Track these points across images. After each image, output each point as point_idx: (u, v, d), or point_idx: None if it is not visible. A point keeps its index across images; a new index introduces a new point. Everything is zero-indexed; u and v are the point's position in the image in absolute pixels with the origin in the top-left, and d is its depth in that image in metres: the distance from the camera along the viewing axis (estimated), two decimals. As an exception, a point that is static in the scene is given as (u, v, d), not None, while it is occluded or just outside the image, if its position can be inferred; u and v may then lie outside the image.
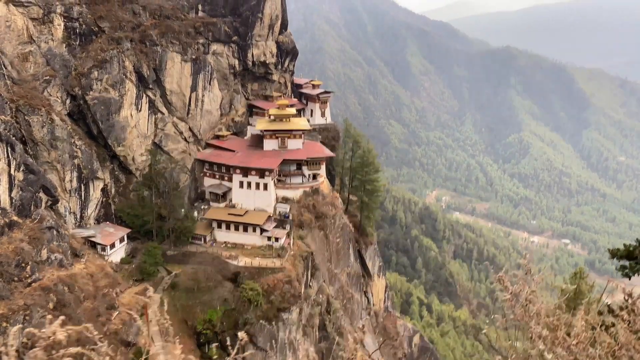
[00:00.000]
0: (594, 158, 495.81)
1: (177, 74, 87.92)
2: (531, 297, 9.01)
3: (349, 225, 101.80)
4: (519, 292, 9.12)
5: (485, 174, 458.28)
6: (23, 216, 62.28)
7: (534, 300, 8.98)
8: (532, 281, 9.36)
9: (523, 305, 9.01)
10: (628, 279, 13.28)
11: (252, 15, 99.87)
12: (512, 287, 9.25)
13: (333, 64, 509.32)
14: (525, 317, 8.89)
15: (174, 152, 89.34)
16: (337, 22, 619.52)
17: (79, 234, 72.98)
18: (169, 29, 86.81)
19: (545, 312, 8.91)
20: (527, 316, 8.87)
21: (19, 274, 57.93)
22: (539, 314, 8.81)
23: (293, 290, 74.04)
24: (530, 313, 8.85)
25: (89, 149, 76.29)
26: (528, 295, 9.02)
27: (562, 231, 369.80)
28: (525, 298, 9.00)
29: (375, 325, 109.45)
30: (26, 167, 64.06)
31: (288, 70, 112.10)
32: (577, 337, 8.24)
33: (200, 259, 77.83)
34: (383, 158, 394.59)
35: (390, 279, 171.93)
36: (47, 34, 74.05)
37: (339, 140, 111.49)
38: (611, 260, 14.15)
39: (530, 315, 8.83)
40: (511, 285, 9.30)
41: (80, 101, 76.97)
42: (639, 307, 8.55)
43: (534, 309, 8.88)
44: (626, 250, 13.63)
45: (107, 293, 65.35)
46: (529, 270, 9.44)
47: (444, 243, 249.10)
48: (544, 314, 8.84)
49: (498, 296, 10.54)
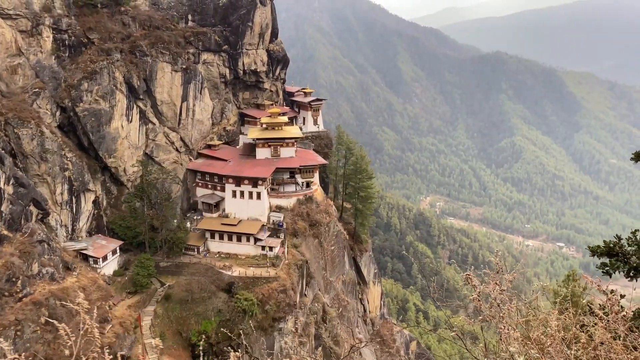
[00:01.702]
0: (586, 161, 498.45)
1: (168, 84, 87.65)
2: (501, 296, 8.76)
3: (344, 232, 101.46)
4: (490, 292, 8.88)
5: (478, 179, 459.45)
6: (13, 230, 61.60)
7: (504, 300, 8.73)
8: (504, 280, 9.13)
9: (492, 305, 8.78)
10: (609, 277, 13.07)
11: (242, 24, 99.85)
12: (480, 287, 9.00)
13: (325, 72, 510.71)
14: (495, 318, 8.66)
15: (166, 163, 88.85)
16: (328, 31, 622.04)
17: (70, 247, 72.25)
18: (158, 39, 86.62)
19: (517, 312, 8.67)
20: (497, 316, 8.63)
21: (10, 288, 57.20)
22: (510, 314, 8.58)
23: (288, 299, 73.50)
24: (501, 313, 8.60)
25: (79, 161, 75.71)
26: (498, 295, 8.76)
27: (556, 234, 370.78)
28: (495, 298, 8.75)
29: (372, 332, 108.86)
30: (16, 181, 63.43)
31: (279, 78, 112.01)
32: (551, 337, 8.01)
33: (194, 270, 77.21)
34: (376, 165, 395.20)
35: (386, 286, 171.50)
36: (35, 46, 73.64)
37: (331, 148, 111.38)
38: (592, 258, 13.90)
39: (501, 315, 8.58)
40: (480, 285, 9.05)
41: (70, 113, 76.49)
42: (615, 306, 8.35)
43: (505, 309, 8.63)
44: (606, 247, 13.39)
45: (99, 306, 64.57)
46: (500, 269, 9.18)
47: (438, 248, 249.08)
48: (515, 314, 8.60)
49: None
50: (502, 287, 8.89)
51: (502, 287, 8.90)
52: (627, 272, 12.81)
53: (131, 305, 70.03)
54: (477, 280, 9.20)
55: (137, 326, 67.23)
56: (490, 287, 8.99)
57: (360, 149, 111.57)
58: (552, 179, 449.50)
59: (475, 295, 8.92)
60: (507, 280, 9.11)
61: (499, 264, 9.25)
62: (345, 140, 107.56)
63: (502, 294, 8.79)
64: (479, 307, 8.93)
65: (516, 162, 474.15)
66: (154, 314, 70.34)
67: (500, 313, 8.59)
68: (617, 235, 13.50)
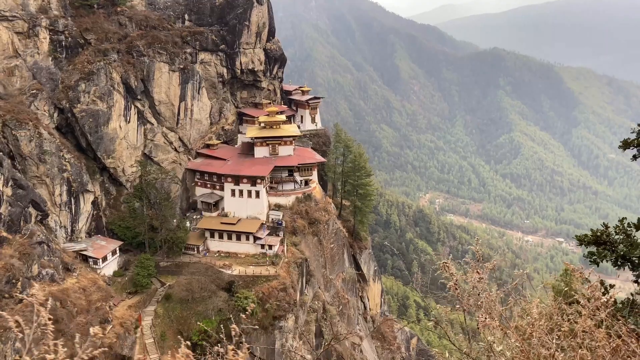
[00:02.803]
0: (584, 156, 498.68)
1: (165, 84, 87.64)
2: (479, 284, 8.71)
3: (343, 230, 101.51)
4: (468, 280, 8.85)
5: (477, 175, 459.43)
6: (13, 232, 61.60)
7: (484, 289, 8.68)
8: (484, 269, 9.07)
9: (470, 293, 8.73)
10: (596, 266, 13.11)
11: (239, 24, 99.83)
12: (458, 275, 8.96)
13: (323, 71, 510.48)
14: (473, 307, 8.62)
15: (164, 163, 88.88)
16: (325, 29, 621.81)
17: (70, 248, 72.27)
18: (155, 40, 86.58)
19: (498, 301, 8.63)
20: (475, 305, 8.60)
21: (10, 290, 57.20)
22: (490, 303, 8.54)
23: (288, 297, 73.59)
24: (479, 302, 8.56)
25: (78, 162, 75.69)
26: (475, 283, 8.73)
27: (555, 230, 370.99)
28: (474, 286, 8.71)
29: (372, 330, 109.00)
30: (14, 182, 63.45)
31: (277, 77, 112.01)
32: (531, 326, 8.02)
33: (194, 269, 77.29)
34: (375, 162, 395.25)
35: (387, 283, 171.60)
36: (32, 48, 73.64)
37: (330, 146, 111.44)
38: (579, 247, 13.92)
39: (479, 304, 8.54)
40: (457, 273, 9.01)
41: (68, 114, 76.49)
42: (596, 294, 8.36)
43: (482, 298, 8.58)
44: (593, 235, 13.43)
45: (100, 307, 64.55)
46: (480, 257, 9.16)
47: (438, 245, 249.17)
48: (494, 303, 8.57)
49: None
50: (480, 276, 8.86)
51: (481, 276, 8.86)
52: (614, 260, 12.86)
53: (131, 306, 70.09)
54: (455, 268, 9.18)
55: (137, 326, 67.30)
56: (469, 276, 8.97)
57: (358, 147, 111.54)
58: (551, 175, 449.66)
59: (452, 284, 8.91)
60: (487, 268, 9.08)
61: (480, 252, 9.23)
62: (343, 138, 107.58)
63: (480, 282, 8.76)
64: (457, 296, 8.92)
65: (515, 158, 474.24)
66: (155, 314, 70.42)
67: (479, 302, 8.57)
68: (605, 224, 13.55)
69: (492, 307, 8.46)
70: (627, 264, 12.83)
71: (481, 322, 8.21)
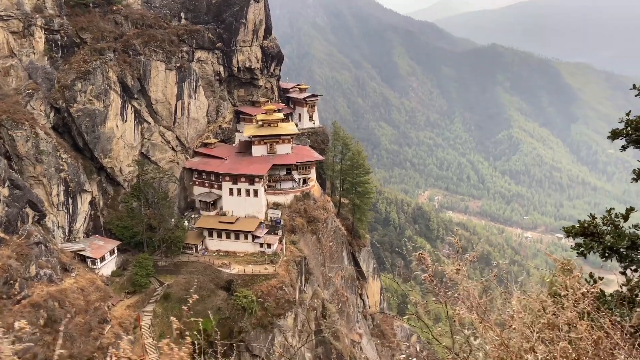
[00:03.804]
0: (583, 152, 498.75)
1: (162, 83, 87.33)
2: (455, 275, 8.49)
3: (342, 228, 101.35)
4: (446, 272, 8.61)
5: (476, 172, 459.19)
6: (10, 232, 61.35)
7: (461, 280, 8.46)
8: (465, 260, 8.85)
9: (447, 285, 8.52)
10: (584, 257, 12.87)
11: (235, 21, 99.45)
12: (433, 266, 8.75)
13: (321, 68, 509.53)
14: (449, 299, 8.41)
15: (162, 162, 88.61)
16: (323, 27, 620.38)
17: (67, 248, 72.05)
18: (151, 38, 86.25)
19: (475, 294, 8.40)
20: (451, 298, 8.39)
21: (8, 291, 56.93)
22: (468, 296, 8.31)
23: (287, 295, 73.45)
24: (456, 294, 8.35)
25: (75, 161, 75.40)
26: (451, 274, 8.51)
27: (555, 226, 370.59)
28: (450, 278, 8.50)
29: (372, 327, 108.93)
30: (11, 183, 63.17)
31: (274, 75, 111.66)
32: (512, 319, 7.83)
33: (192, 269, 77.13)
34: (374, 160, 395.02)
35: (386, 281, 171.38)
36: (28, 47, 73.24)
37: (328, 144, 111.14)
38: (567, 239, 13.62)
39: (456, 296, 8.33)
40: (432, 264, 8.78)
41: (65, 114, 76.18)
42: (577, 285, 8.14)
43: (460, 290, 8.37)
44: (581, 226, 13.17)
45: (98, 307, 64.36)
46: (460, 248, 8.94)
47: (438, 242, 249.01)
48: (473, 295, 8.34)
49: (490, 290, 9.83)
50: (457, 267, 8.63)
51: (457, 267, 8.64)
52: (601, 251, 12.60)
53: (130, 305, 69.94)
54: (430, 260, 8.94)
55: (136, 326, 67.11)
56: (445, 268, 8.76)
57: (356, 144, 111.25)
58: (550, 171, 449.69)
59: (426, 275, 8.69)
60: (468, 260, 8.86)
61: (459, 243, 9.01)
62: (341, 136, 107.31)
63: (457, 274, 8.54)
64: (433, 289, 8.70)
65: (514, 155, 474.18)
66: (153, 314, 70.24)
67: (455, 294, 8.37)
68: (592, 214, 13.29)
69: (471, 299, 8.24)
70: (615, 255, 12.55)
71: (456, 314, 8.04)
